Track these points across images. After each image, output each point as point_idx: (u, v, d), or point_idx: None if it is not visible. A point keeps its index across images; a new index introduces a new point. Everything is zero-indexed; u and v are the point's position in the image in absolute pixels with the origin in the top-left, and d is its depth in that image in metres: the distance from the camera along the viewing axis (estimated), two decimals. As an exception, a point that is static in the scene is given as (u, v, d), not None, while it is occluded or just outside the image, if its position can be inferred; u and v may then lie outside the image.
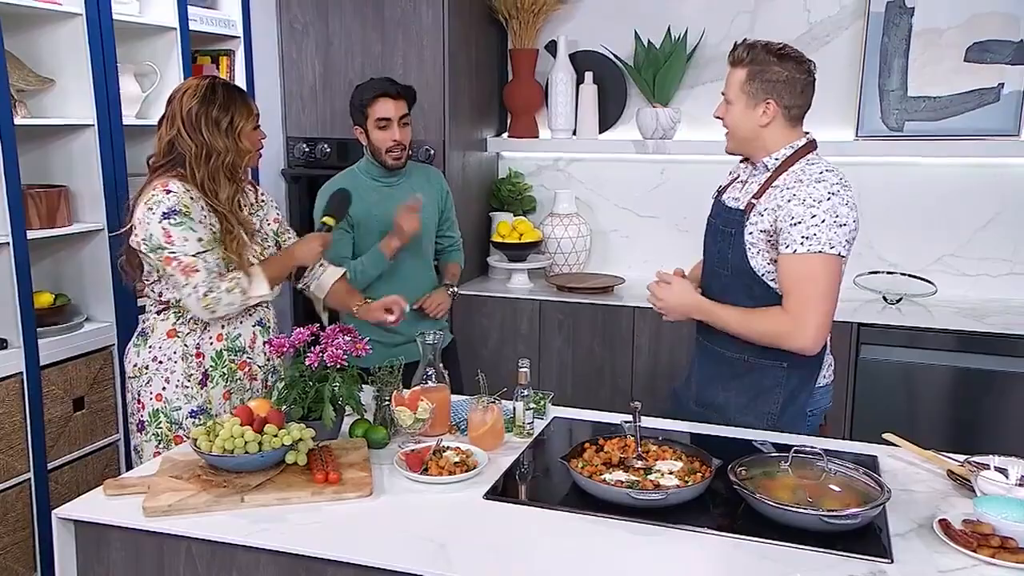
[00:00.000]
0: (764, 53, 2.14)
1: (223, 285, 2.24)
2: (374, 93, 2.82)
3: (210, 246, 2.25)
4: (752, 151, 2.22)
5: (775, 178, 2.15)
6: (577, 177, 4.13)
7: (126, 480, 1.86)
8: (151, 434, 2.35)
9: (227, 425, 1.83)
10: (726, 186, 2.38)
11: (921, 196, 3.68)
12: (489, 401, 2.07)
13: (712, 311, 2.19)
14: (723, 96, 2.24)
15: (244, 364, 2.40)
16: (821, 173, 2.10)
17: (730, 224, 2.20)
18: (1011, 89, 3.46)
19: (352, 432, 2.09)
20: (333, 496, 1.79)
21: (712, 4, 3.82)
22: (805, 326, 2.05)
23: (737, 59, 2.19)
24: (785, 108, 2.14)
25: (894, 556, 1.55)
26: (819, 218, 2.04)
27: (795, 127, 2.19)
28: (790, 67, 2.13)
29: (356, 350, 2.04)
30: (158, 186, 2.24)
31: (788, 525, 1.63)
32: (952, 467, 1.87)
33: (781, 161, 2.16)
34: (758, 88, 2.14)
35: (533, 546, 1.64)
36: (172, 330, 2.34)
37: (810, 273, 2.05)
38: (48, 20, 2.94)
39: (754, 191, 2.19)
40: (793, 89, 2.14)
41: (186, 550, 1.71)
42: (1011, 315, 3.34)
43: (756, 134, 2.17)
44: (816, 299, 2.05)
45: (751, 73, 2.14)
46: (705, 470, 1.83)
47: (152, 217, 2.21)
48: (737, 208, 2.21)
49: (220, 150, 2.28)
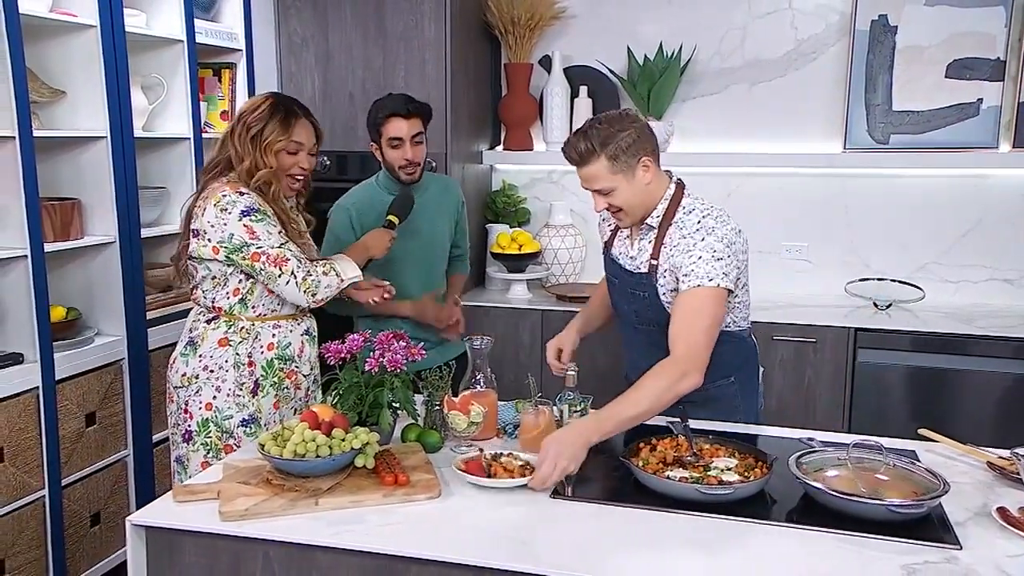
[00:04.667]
0: (601, 130, 2.13)
1: (319, 268, 2.32)
2: (387, 113, 2.80)
3: (290, 239, 2.32)
4: (647, 212, 2.23)
5: (663, 235, 2.21)
6: (571, 189, 4.20)
7: (195, 487, 1.86)
8: (199, 444, 2.34)
9: (297, 430, 1.84)
10: (610, 240, 2.41)
11: (905, 206, 3.83)
12: (540, 404, 2.12)
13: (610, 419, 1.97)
14: (595, 192, 2.20)
15: (291, 373, 2.42)
16: (698, 221, 2.17)
17: (639, 287, 2.28)
18: (989, 104, 3.64)
19: (405, 437, 2.12)
20: (404, 498, 1.82)
21: (703, 22, 3.94)
22: (696, 360, 2.05)
23: (585, 155, 2.15)
24: (654, 155, 2.18)
25: (961, 543, 1.63)
26: (695, 256, 2.12)
27: (660, 168, 2.23)
28: (628, 124, 2.15)
29: (411, 355, 2.07)
30: (226, 189, 2.27)
31: (852, 516, 1.71)
32: (991, 459, 1.97)
33: (662, 216, 2.22)
34: (625, 160, 2.13)
35: (609, 541, 1.68)
36: (224, 339, 2.35)
37: (691, 309, 2.11)
38: (62, 32, 2.93)
39: (648, 250, 2.25)
40: (647, 136, 2.17)
41: (263, 554, 1.72)
42: (996, 318, 3.49)
43: (648, 194, 2.19)
44: (702, 333, 2.08)
45: (610, 154, 2.12)
46: (761, 466, 1.90)
47: (229, 217, 2.24)
48: (639, 272, 2.27)
49: (243, 155, 2.32)
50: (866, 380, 3.42)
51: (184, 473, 2.39)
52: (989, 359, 3.31)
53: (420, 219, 2.89)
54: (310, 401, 2.49)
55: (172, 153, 3.39)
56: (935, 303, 3.72)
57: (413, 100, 2.86)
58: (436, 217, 2.97)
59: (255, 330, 2.34)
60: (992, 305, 3.73)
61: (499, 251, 3.91)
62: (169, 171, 3.39)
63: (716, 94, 3.97)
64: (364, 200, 2.89)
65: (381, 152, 2.87)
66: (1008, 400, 3.29)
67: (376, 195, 2.91)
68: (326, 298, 2.36)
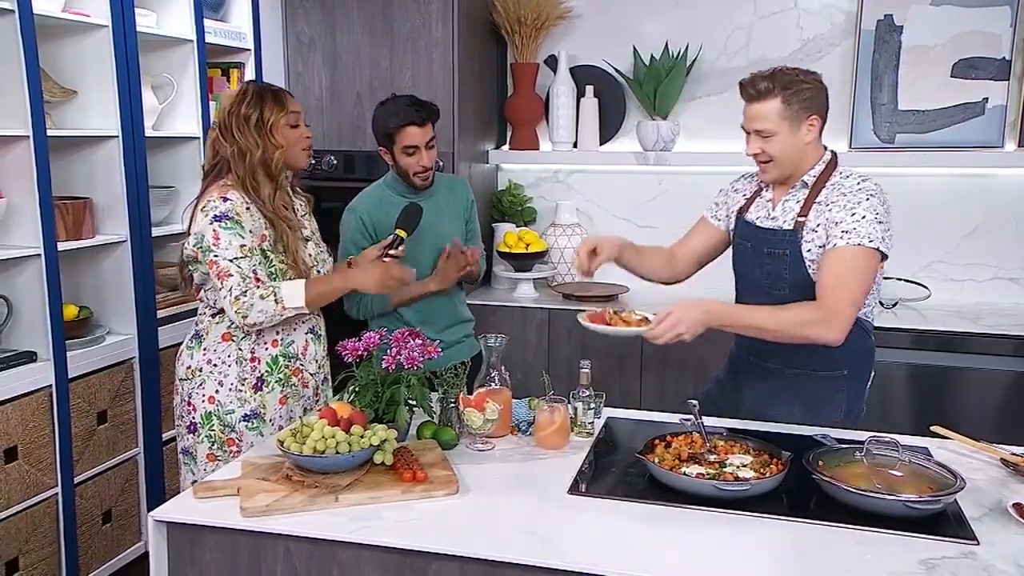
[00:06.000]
0: (787, 76, 2.18)
1: (257, 291, 2.24)
2: (401, 121, 2.76)
3: (250, 253, 2.25)
4: (794, 172, 2.25)
5: (816, 194, 2.22)
6: (577, 188, 4.23)
7: (215, 483, 1.88)
8: (203, 436, 2.36)
9: (317, 427, 1.86)
10: (747, 205, 2.40)
11: (911, 205, 3.84)
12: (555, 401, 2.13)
13: (735, 312, 2.18)
14: (754, 132, 2.23)
15: (297, 371, 2.42)
16: (859, 183, 2.20)
17: (780, 245, 2.25)
18: (995, 103, 3.65)
19: (420, 434, 2.14)
20: (423, 494, 1.83)
21: (708, 22, 3.96)
22: (838, 317, 2.09)
23: (763, 92, 2.18)
24: (822, 119, 2.23)
25: (978, 538, 1.65)
26: (859, 215, 2.13)
27: (820, 141, 2.28)
28: (813, 80, 2.21)
29: (428, 353, 2.08)
30: (216, 193, 2.28)
31: (868, 512, 1.72)
32: (1005, 455, 1.99)
33: (818, 176, 2.24)
34: (798, 108, 2.17)
35: (627, 536, 1.70)
36: (227, 333, 2.36)
37: (848, 265, 2.11)
38: (74, 31, 2.94)
39: (796, 209, 2.25)
40: (823, 99, 2.23)
41: (284, 550, 1.73)
42: (1001, 317, 3.51)
43: (803, 154, 2.23)
44: (851, 291, 2.10)
45: (786, 98, 2.16)
46: (776, 463, 1.91)
47: (205, 220, 2.25)
48: (782, 228, 2.26)
49: (251, 147, 2.30)
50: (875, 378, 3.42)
51: (193, 463, 2.40)
52: (994, 357, 3.33)
53: (430, 220, 2.88)
54: (320, 399, 2.50)
55: (182, 152, 3.41)
56: (941, 302, 3.74)
57: (422, 103, 2.82)
58: (446, 217, 2.97)
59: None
60: (997, 304, 3.75)
61: (506, 250, 3.92)
62: (179, 170, 3.41)
63: (722, 93, 3.98)
64: (375, 202, 2.89)
65: (392, 157, 2.84)
66: (1013, 398, 3.30)
67: (386, 197, 2.90)
68: (260, 323, 2.26)
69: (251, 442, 2.34)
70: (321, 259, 2.48)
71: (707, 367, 3.53)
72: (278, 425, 2.38)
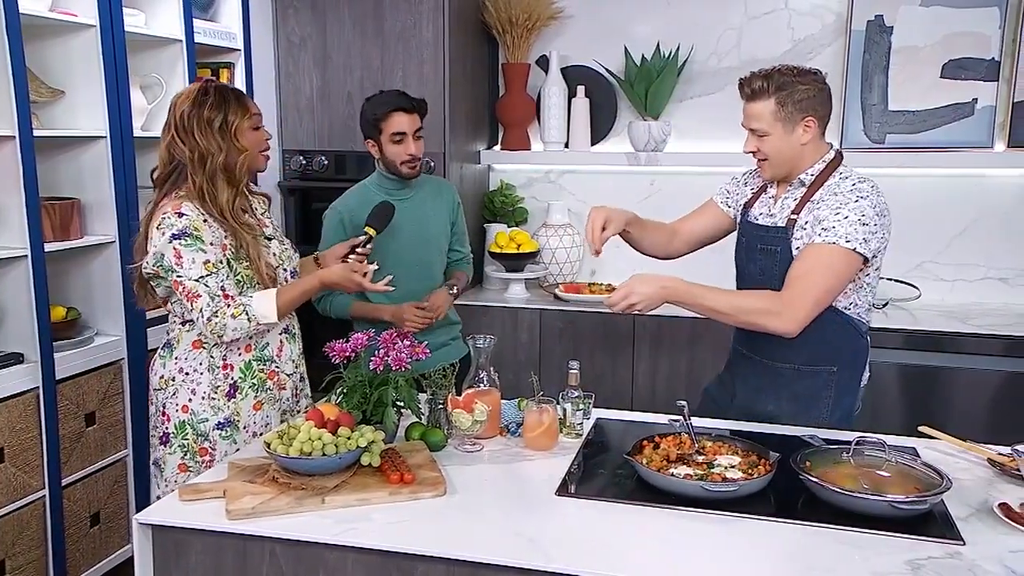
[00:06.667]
0: (783, 76, 2.18)
1: (229, 311, 2.18)
2: (389, 108, 2.80)
3: (215, 269, 2.19)
4: (792, 171, 2.25)
5: (812, 193, 2.22)
6: (568, 189, 4.22)
7: (201, 485, 1.87)
8: (176, 446, 2.31)
9: (303, 428, 1.85)
10: (751, 201, 2.41)
11: (901, 205, 3.78)
12: (543, 402, 2.13)
13: (691, 291, 2.15)
14: (751, 130, 2.24)
15: (272, 374, 2.38)
16: (853, 184, 2.18)
17: (772, 242, 2.26)
18: (984, 104, 3.66)
19: (409, 435, 2.13)
20: (410, 495, 1.82)
21: (699, 23, 3.96)
22: (794, 310, 2.08)
23: (758, 91, 2.19)
24: (820, 120, 2.21)
25: (964, 539, 1.64)
26: (842, 215, 2.12)
27: (823, 137, 2.27)
28: (810, 81, 2.19)
29: (416, 354, 2.08)
30: (169, 209, 2.20)
31: (855, 512, 1.72)
32: (992, 455, 1.99)
33: (816, 176, 2.23)
34: (792, 110, 2.17)
35: (614, 538, 1.69)
36: (198, 341, 2.31)
37: (818, 261, 2.11)
38: (61, 31, 2.93)
39: (791, 207, 2.25)
40: (823, 100, 2.21)
41: (270, 552, 1.72)
42: (991, 317, 3.52)
43: (799, 154, 2.22)
44: (814, 287, 2.10)
45: (780, 99, 2.16)
46: (764, 463, 1.91)
47: (163, 239, 2.18)
48: (776, 226, 2.27)
49: (214, 151, 2.22)
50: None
51: (160, 477, 2.35)
52: (984, 357, 3.33)
53: (413, 219, 2.88)
54: (299, 401, 2.48)
55: (170, 153, 3.39)
56: (931, 302, 3.75)
57: (409, 95, 2.87)
58: (430, 217, 2.97)
59: None
60: (987, 304, 3.76)
61: (497, 250, 3.91)
62: (168, 171, 3.39)
63: (713, 94, 3.98)
64: (356, 202, 2.89)
65: (380, 148, 2.86)
66: (1003, 398, 3.31)
67: (369, 196, 2.89)
68: (236, 339, 2.25)
69: (224, 451, 2.30)
70: (287, 256, 2.43)
71: (700, 367, 3.54)
72: (252, 432, 2.34)
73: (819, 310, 2.12)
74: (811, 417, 2.27)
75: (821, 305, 2.12)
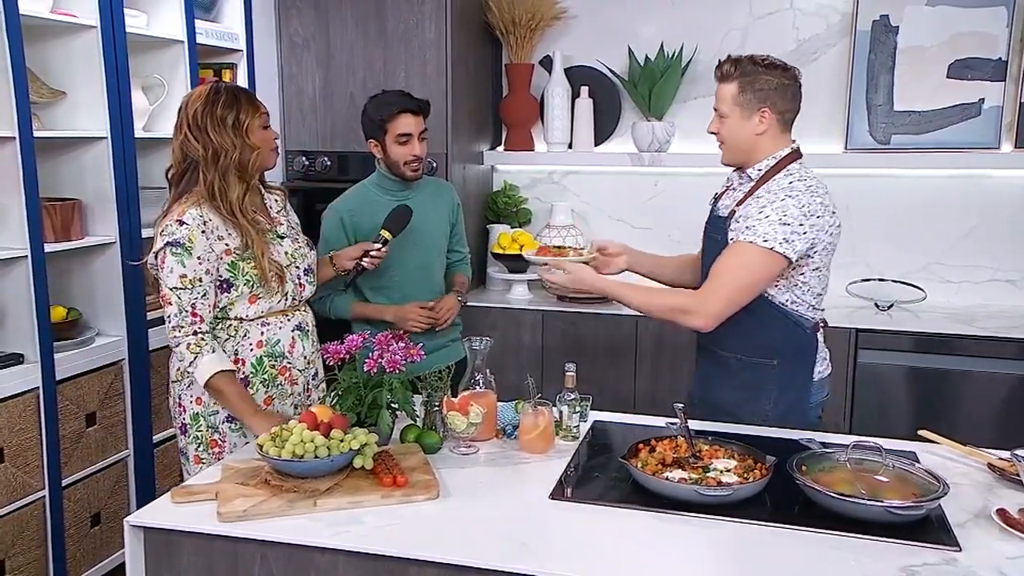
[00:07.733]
0: (751, 65, 2.24)
1: (187, 339, 2.21)
2: (396, 109, 2.78)
3: (192, 286, 2.19)
4: (747, 160, 2.29)
5: (758, 188, 2.25)
6: (572, 189, 4.21)
7: (194, 487, 1.86)
8: (192, 437, 2.34)
9: (296, 430, 1.84)
10: (721, 194, 2.45)
11: (907, 206, 3.82)
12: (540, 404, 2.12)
13: (608, 288, 2.30)
14: (715, 111, 2.32)
15: (284, 369, 2.39)
16: (790, 183, 2.20)
17: (717, 232, 2.31)
18: (991, 104, 3.63)
19: (404, 437, 2.12)
20: (402, 498, 1.82)
21: (704, 22, 3.94)
22: (706, 307, 2.14)
23: (725, 74, 2.27)
24: (779, 114, 2.23)
25: (960, 545, 1.62)
26: (765, 214, 2.15)
27: (785, 133, 2.28)
28: (777, 74, 2.23)
29: (410, 356, 2.07)
30: (175, 215, 2.23)
31: (850, 517, 1.70)
32: (991, 460, 1.97)
33: (764, 172, 2.25)
34: (751, 98, 2.22)
35: (608, 542, 1.68)
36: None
37: (734, 260, 2.15)
38: (62, 32, 2.93)
39: (738, 199, 2.29)
40: (784, 95, 2.23)
41: (261, 555, 1.72)
42: (998, 319, 3.49)
43: (752, 143, 2.26)
44: (727, 285, 2.14)
45: (742, 85, 2.23)
46: (760, 467, 1.89)
47: (160, 242, 2.22)
48: (719, 216, 2.32)
49: (228, 148, 2.25)
50: (867, 381, 3.41)
51: (188, 463, 2.38)
52: (991, 360, 3.30)
53: (414, 220, 2.87)
54: (311, 397, 2.48)
55: (172, 153, 3.39)
56: (936, 304, 3.72)
57: (413, 96, 2.86)
58: (430, 219, 2.96)
59: (243, 328, 2.31)
60: (994, 306, 3.72)
61: (500, 251, 3.90)
62: (170, 171, 3.39)
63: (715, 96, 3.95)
64: (356, 203, 2.88)
65: (383, 149, 2.84)
66: (1010, 401, 3.28)
67: (369, 196, 2.89)
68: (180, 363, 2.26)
69: (234, 443, 2.32)
70: (300, 254, 2.43)
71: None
72: None
73: (735, 306, 2.16)
74: (756, 407, 2.31)
75: (737, 302, 2.16)
